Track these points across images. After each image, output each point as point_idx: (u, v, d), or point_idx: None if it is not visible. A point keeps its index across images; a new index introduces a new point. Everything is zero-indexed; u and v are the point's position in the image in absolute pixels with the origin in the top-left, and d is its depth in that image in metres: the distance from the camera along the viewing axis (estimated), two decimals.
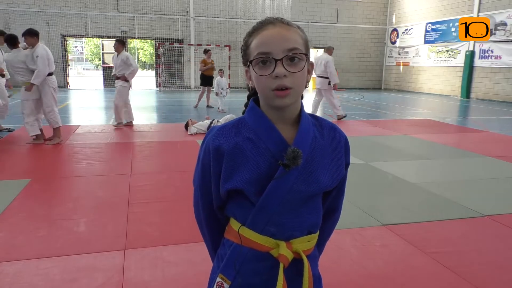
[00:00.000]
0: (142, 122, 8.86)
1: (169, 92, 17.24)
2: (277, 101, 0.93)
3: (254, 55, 0.94)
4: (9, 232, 2.98)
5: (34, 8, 16.53)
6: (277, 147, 0.95)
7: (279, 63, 0.91)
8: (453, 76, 16.90)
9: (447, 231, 3.14)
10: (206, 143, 1.01)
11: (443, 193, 4.00)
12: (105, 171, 4.79)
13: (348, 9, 20.35)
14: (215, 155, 0.97)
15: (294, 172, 0.94)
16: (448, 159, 5.64)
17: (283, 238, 0.97)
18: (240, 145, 0.96)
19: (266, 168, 0.95)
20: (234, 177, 0.95)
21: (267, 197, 0.94)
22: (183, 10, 18.30)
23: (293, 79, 0.93)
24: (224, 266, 1.01)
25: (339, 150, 1.05)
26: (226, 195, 1.00)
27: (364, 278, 2.44)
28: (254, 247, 0.98)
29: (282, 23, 0.96)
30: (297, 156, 0.92)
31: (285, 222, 0.97)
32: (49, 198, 3.83)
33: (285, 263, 0.95)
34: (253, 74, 0.96)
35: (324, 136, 1.03)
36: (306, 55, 0.95)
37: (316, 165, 0.98)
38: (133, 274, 2.42)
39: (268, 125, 0.97)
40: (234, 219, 1.01)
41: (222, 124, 1.02)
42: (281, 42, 0.92)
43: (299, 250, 0.98)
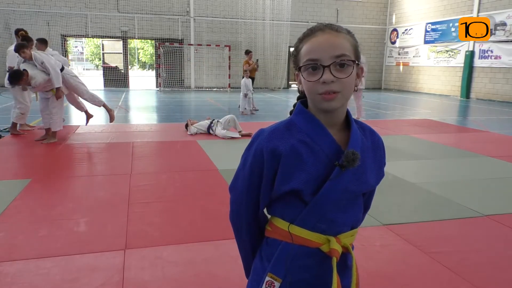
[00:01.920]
0: (142, 122, 8.86)
1: (169, 92, 17.24)
2: (325, 104, 0.97)
3: (303, 61, 0.98)
4: (10, 232, 2.98)
5: (34, 8, 16.53)
6: (331, 150, 1.00)
7: (327, 70, 0.95)
8: (453, 76, 16.91)
9: (447, 231, 3.14)
10: (257, 146, 1.03)
11: (443, 193, 4.01)
12: (105, 171, 4.79)
13: (348, 9, 20.35)
14: (270, 157, 1.00)
15: (348, 173, 0.99)
16: (448, 159, 5.64)
17: (333, 233, 1.02)
18: (296, 147, 0.99)
19: (321, 169, 0.99)
20: (292, 179, 0.99)
21: (322, 197, 0.99)
22: (183, 10, 18.31)
23: (341, 84, 0.96)
24: (274, 265, 1.04)
25: (380, 152, 1.11)
26: (279, 196, 1.03)
27: (364, 278, 2.43)
28: (304, 243, 1.02)
29: (331, 29, 0.99)
30: (355, 158, 0.97)
31: (336, 219, 1.02)
32: (49, 198, 3.83)
33: (337, 256, 1.00)
34: (302, 79, 0.99)
35: (367, 138, 1.08)
36: (354, 61, 0.98)
37: (365, 166, 1.04)
38: (133, 274, 2.42)
39: (321, 128, 1.01)
40: (281, 218, 1.05)
41: (271, 126, 1.05)
42: (329, 49, 0.96)
43: (347, 244, 1.04)
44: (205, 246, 2.80)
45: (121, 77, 18.63)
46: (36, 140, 6.12)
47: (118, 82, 18.41)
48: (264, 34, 19.18)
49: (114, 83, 18.40)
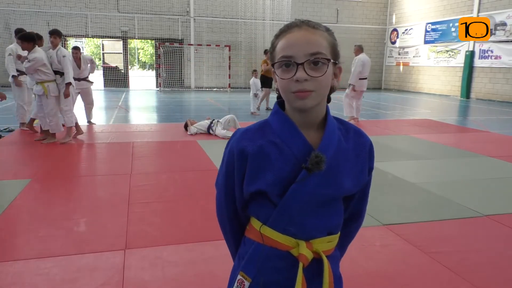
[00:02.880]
0: (142, 122, 8.86)
1: (169, 92, 17.24)
2: (298, 103, 0.94)
3: (278, 58, 0.95)
4: (10, 232, 2.99)
5: (34, 8, 16.53)
6: (301, 151, 0.96)
7: (300, 67, 0.92)
8: (453, 76, 16.91)
9: (447, 231, 3.14)
10: (231, 145, 1.03)
11: (443, 193, 4.01)
12: (105, 171, 4.79)
13: (348, 9, 20.35)
14: (239, 158, 0.99)
15: (316, 176, 0.95)
16: (448, 159, 5.64)
17: (304, 238, 0.99)
18: (264, 148, 0.97)
19: (289, 171, 0.96)
20: (258, 180, 0.97)
21: (288, 199, 0.96)
22: (183, 10, 18.31)
23: (315, 83, 0.93)
24: (245, 264, 1.03)
25: (363, 155, 1.05)
26: (249, 196, 1.02)
27: (364, 278, 2.44)
28: (275, 246, 1.00)
29: (308, 26, 0.96)
30: (320, 161, 0.93)
31: (305, 223, 0.99)
32: (49, 198, 3.83)
33: (304, 262, 0.97)
34: (277, 77, 0.97)
35: (349, 140, 1.04)
36: (330, 60, 0.95)
37: (340, 169, 0.99)
38: (133, 274, 2.42)
39: (293, 129, 0.98)
40: (256, 218, 1.03)
41: (246, 127, 1.04)
42: (304, 46, 0.92)
43: (319, 250, 0.99)
44: (205, 246, 2.80)
45: (121, 77, 18.64)
46: (36, 140, 6.12)
47: (118, 82, 18.42)
48: (264, 34, 19.17)
49: (114, 83, 18.40)
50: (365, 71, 8.46)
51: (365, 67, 8.42)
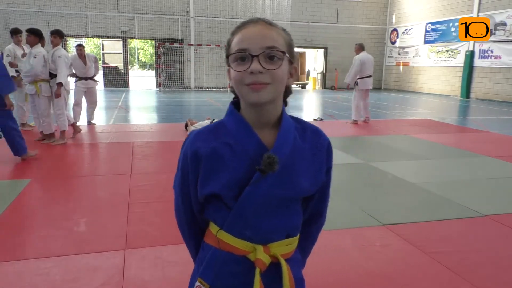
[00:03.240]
0: (142, 122, 8.86)
1: (169, 92, 17.24)
2: (253, 96, 0.91)
3: (233, 51, 0.94)
4: (10, 232, 2.98)
5: (34, 8, 16.53)
6: (256, 152, 0.94)
7: (255, 59, 0.90)
8: (453, 76, 16.91)
9: (447, 231, 3.15)
10: (185, 148, 1.00)
11: (443, 193, 4.01)
12: (105, 171, 4.79)
13: (348, 9, 20.35)
14: (193, 160, 0.97)
15: (271, 177, 0.92)
16: (448, 159, 5.64)
17: (261, 242, 0.96)
18: (218, 149, 0.95)
19: (243, 173, 0.93)
20: (211, 182, 0.95)
21: (243, 202, 0.93)
22: (183, 10, 18.31)
23: (270, 76, 0.91)
24: (203, 270, 1.00)
25: (321, 155, 1.03)
26: (204, 200, 0.99)
27: (364, 278, 2.44)
28: (231, 250, 0.97)
29: (265, 22, 0.95)
30: (273, 162, 0.90)
31: (262, 226, 0.96)
32: (49, 198, 3.83)
33: (261, 267, 0.94)
34: (231, 71, 0.94)
35: (306, 140, 1.01)
36: (285, 54, 0.93)
37: (296, 170, 0.97)
38: (133, 274, 2.42)
39: (247, 129, 0.96)
40: (213, 223, 1.01)
41: (200, 128, 1.02)
42: (260, 39, 0.91)
43: (277, 254, 0.96)
44: None
45: (121, 77, 18.64)
46: (36, 140, 6.12)
47: (118, 82, 18.42)
48: None
49: (114, 83, 18.40)
50: (367, 70, 8.39)
51: (366, 66, 8.35)
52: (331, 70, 20.69)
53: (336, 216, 3.39)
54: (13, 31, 6.37)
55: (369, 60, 8.47)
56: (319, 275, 2.44)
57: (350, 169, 4.99)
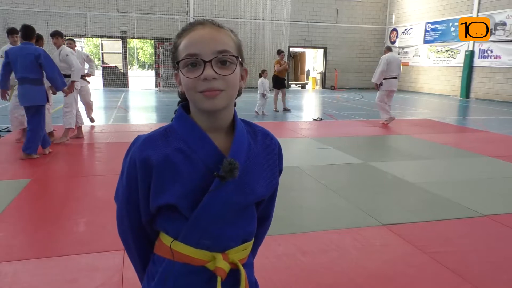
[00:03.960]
0: (141, 122, 8.85)
1: (168, 92, 17.23)
2: (207, 104, 0.88)
3: (182, 56, 0.89)
4: (9, 232, 2.98)
5: (33, 8, 16.52)
6: (211, 158, 0.90)
7: (208, 65, 0.86)
8: (453, 76, 16.92)
9: (446, 231, 3.14)
10: (132, 154, 0.93)
11: (442, 193, 4.01)
12: (105, 171, 4.78)
13: (347, 9, 20.36)
14: (142, 168, 0.90)
15: (229, 184, 0.89)
16: (448, 159, 5.65)
17: (219, 249, 0.93)
18: (171, 157, 0.89)
19: (199, 180, 0.89)
20: (166, 192, 0.89)
21: (202, 210, 0.89)
22: (183, 10, 18.30)
23: (224, 82, 0.88)
24: (156, 284, 0.95)
25: (273, 158, 1.01)
26: (156, 210, 0.93)
27: (364, 278, 2.44)
28: (188, 261, 0.93)
29: (213, 24, 0.91)
30: (234, 168, 0.87)
31: (220, 234, 0.93)
32: (49, 198, 3.83)
33: (222, 275, 0.91)
34: (182, 77, 0.90)
35: (258, 143, 0.99)
36: (238, 58, 0.91)
37: (252, 175, 0.94)
38: (132, 274, 2.41)
39: (200, 135, 0.91)
40: (165, 233, 0.95)
41: (148, 133, 0.95)
42: (210, 43, 0.87)
43: (235, 260, 0.94)
44: None
45: (121, 77, 18.63)
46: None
47: (118, 82, 18.41)
48: (264, 34, 19.18)
49: (113, 83, 18.39)
50: (392, 70, 8.19)
51: (391, 66, 8.16)
52: (330, 70, 20.69)
53: (336, 216, 3.38)
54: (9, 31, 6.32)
55: (395, 61, 8.29)
56: (319, 275, 2.43)
57: (349, 169, 4.99)
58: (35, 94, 4.97)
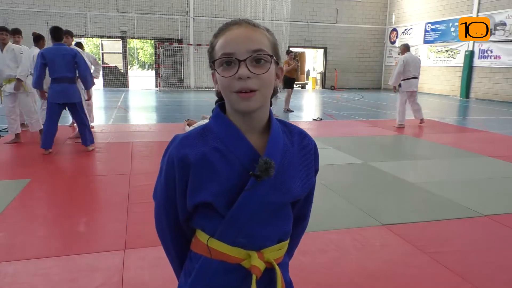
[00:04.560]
0: (141, 122, 8.85)
1: (168, 92, 17.23)
2: (242, 105, 0.89)
3: (218, 55, 0.91)
4: (9, 232, 2.98)
5: (33, 8, 16.52)
6: (247, 157, 0.91)
7: (242, 64, 0.87)
8: (453, 76, 16.92)
9: (446, 231, 3.14)
10: (169, 153, 0.95)
11: (442, 193, 4.01)
12: (105, 171, 4.78)
13: (347, 9, 20.36)
14: (180, 167, 0.92)
15: (265, 183, 0.90)
16: (448, 159, 5.65)
17: (254, 248, 0.94)
18: (208, 155, 0.91)
19: (235, 179, 0.91)
20: (203, 190, 0.91)
21: (238, 209, 0.91)
22: (183, 10, 18.30)
23: (259, 81, 0.88)
24: (193, 281, 0.97)
25: (309, 157, 1.01)
26: (193, 208, 0.95)
27: (364, 278, 2.44)
28: (224, 259, 0.94)
29: (248, 23, 0.92)
30: (269, 167, 0.88)
31: (256, 233, 0.94)
32: (48, 198, 3.82)
33: (257, 274, 0.92)
34: (217, 76, 0.92)
35: (294, 143, 0.99)
36: (273, 57, 0.92)
37: (287, 174, 0.95)
38: (132, 274, 2.42)
39: (236, 134, 0.93)
40: (202, 231, 0.97)
41: (185, 132, 0.98)
42: (245, 42, 0.88)
43: (270, 259, 0.95)
44: None
45: (121, 77, 18.63)
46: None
47: (118, 82, 18.41)
48: None
49: (113, 83, 18.39)
50: (412, 71, 8.01)
51: (410, 66, 7.98)
52: (330, 70, 20.69)
53: (336, 216, 3.38)
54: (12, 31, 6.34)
55: (414, 61, 8.11)
56: (319, 275, 2.43)
57: (349, 169, 4.99)
58: (73, 92, 5.30)
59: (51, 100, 5.25)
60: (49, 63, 5.11)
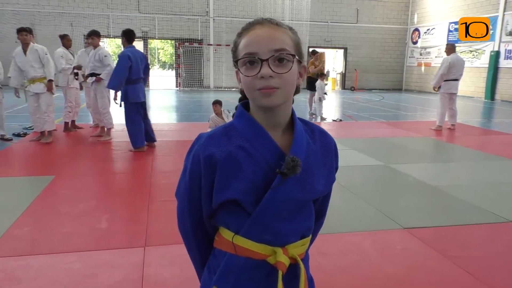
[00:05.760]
0: (162, 121, 8.95)
1: (188, 91, 17.38)
2: (264, 101, 0.91)
3: (241, 55, 0.92)
4: (34, 227, 3.06)
5: (58, 10, 16.91)
6: (272, 155, 0.93)
7: (265, 64, 0.89)
8: (477, 77, 16.52)
9: (469, 236, 3.08)
10: (195, 152, 0.96)
11: (465, 197, 3.92)
12: (126, 169, 4.86)
13: (368, 8, 20.13)
14: (206, 165, 0.93)
15: (291, 181, 0.92)
16: (471, 162, 5.52)
17: (279, 244, 0.96)
18: (234, 154, 0.93)
19: (261, 177, 0.92)
20: (230, 188, 0.92)
21: (264, 207, 0.92)
22: (203, 10, 18.43)
23: (281, 80, 0.90)
24: (218, 278, 0.98)
25: (330, 155, 1.03)
26: (219, 205, 0.96)
27: (383, 281, 2.41)
28: (250, 255, 0.95)
29: (271, 23, 0.93)
30: (296, 165, 0.90)
31: (281, 229, 0.95)
32: (72, 195, 3.90)
33: (283, 269, 0.94)
34: (241, 75, 0.93)
35: (316, 141, 1.01)
36: (295, 56, 0.93)
37: (311, 172, 0.97)
38: (153, 271, 2.45)
39: (261, 132, 0.94)
40: (226, 228, 0.98)
41: (210, 131, 0.99)
42: (268, 42, 0.90)
43: (295, 255, 0.97)
44: None
45: None
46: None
47: None
48: None
49: None
50: (455, 72, 7.78)
51: (454, 68, 7.75)
52: (350, 71, 20.50)
53: (356, 219, 3.35)
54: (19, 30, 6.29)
55: (459, 63, 7.86)
56: (339, 277, 2.41)
57: (370, 171, 4.93)
58: (144, 91, 5.70)
59: (133, 100, 5.48)
60: (133, 65, 5.36)
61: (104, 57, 6.12)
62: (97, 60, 6.15)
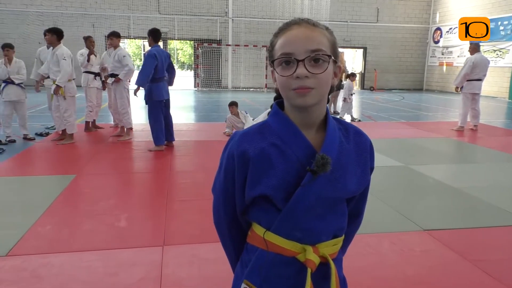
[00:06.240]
0: (181, 121, 9.03)
1: (207, 92, 17.48)
2: (298, 100, 0.92)
3: (278, 55, 0.94)
4: (55, 225, 3.13)
5: (80, 11, 17.24)
6: (304, 153, 0.94)
7: (301, 64, 0.90)
8: (501, 77, 16.10)
9: (491, 239, 3.00)
10: (230, 149, 1.00)
11: (487, 199, 3.83)
12: (145, 169, 4.92)
13: (389, 7, 19.86)
14: (240, 161, 0.96)
15: (321, 179, 0.93)
16: (494, 163, 5.39)
17: (310, 242, 0.96)
18: (266, 151, 0.95)
19: (292, 174, 0.94)
20: (261, 184, 0.94)
21: (294, 203, 0.93)
22: (222, 11, 18.51)
23: (316, 80, 0.91)
24: (249, 272, 1.00)
25: (365, 155, 1.03)
26: (251, 201, 0.99)
27: (402, 283, 2.37)
28: (280, 252, 0.97)
29: (308, 23, 0.94)
30: (326, 163, 0.90)
31: (311, 227, 0.96)
32: (92, 194, 3.98)
33: (312, 267, 0.94)
34: (276, 75, 0.95)
35: (350, 140, 1.01)
36: (331, 57, 0.93)
37: (343, 171, 0.97)
38: (171, 270, 2.47)
39: (294, 131, 0.96)
40: (258, 224, 1.00)
41: (245, 129, 1.02)
42: (304, 42, 0.91)
43: (325, 254, 0.97)
44: None
45: None
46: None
47: None
48: None
49: None
50: (478, 72, 7.61)
51: (478, 68, 7.58)
52: (370, 71, 20.26)
53: (376, 220, 3.31)
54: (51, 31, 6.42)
55: (483, 62, 7.68)
56: (358, 278, 2.39)
57: (390, 172, 4.87)
58: (167, 89, 5.89)
59: (156, 98, 5.62)
60: (159, 64, 5.49)
61: (122, 57, 6.19)
62: (116, 60, 6.24)
